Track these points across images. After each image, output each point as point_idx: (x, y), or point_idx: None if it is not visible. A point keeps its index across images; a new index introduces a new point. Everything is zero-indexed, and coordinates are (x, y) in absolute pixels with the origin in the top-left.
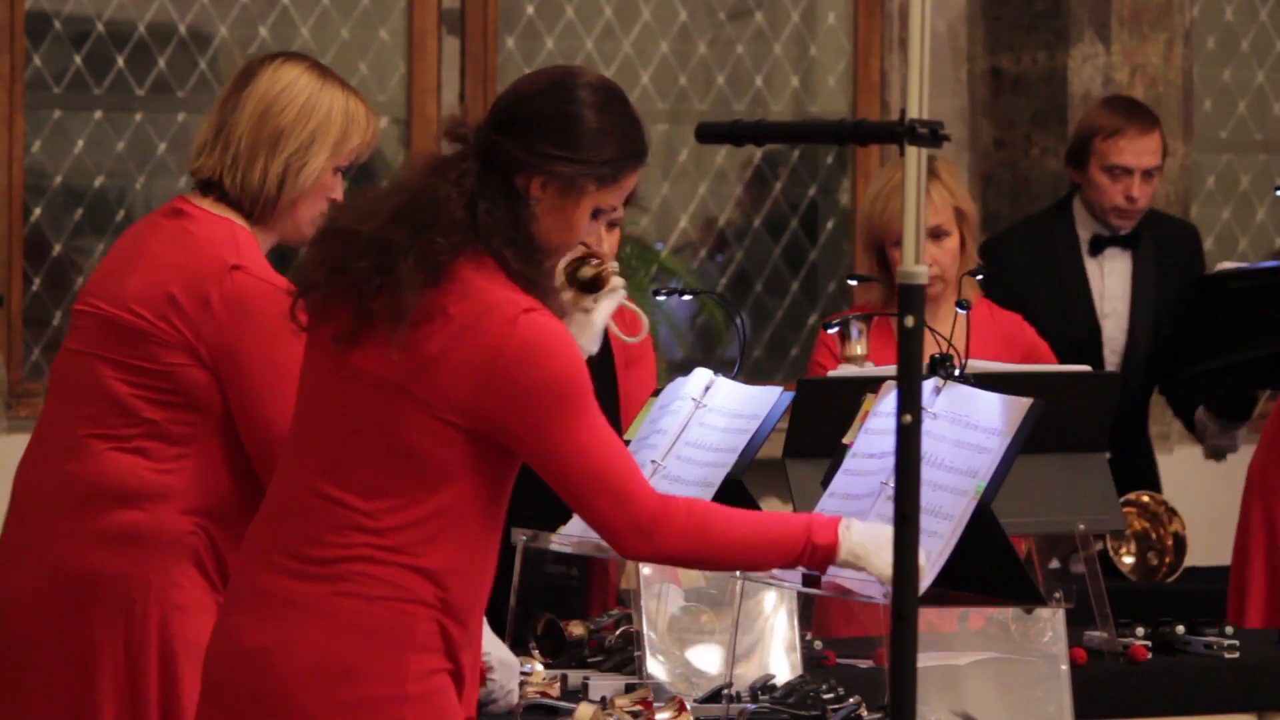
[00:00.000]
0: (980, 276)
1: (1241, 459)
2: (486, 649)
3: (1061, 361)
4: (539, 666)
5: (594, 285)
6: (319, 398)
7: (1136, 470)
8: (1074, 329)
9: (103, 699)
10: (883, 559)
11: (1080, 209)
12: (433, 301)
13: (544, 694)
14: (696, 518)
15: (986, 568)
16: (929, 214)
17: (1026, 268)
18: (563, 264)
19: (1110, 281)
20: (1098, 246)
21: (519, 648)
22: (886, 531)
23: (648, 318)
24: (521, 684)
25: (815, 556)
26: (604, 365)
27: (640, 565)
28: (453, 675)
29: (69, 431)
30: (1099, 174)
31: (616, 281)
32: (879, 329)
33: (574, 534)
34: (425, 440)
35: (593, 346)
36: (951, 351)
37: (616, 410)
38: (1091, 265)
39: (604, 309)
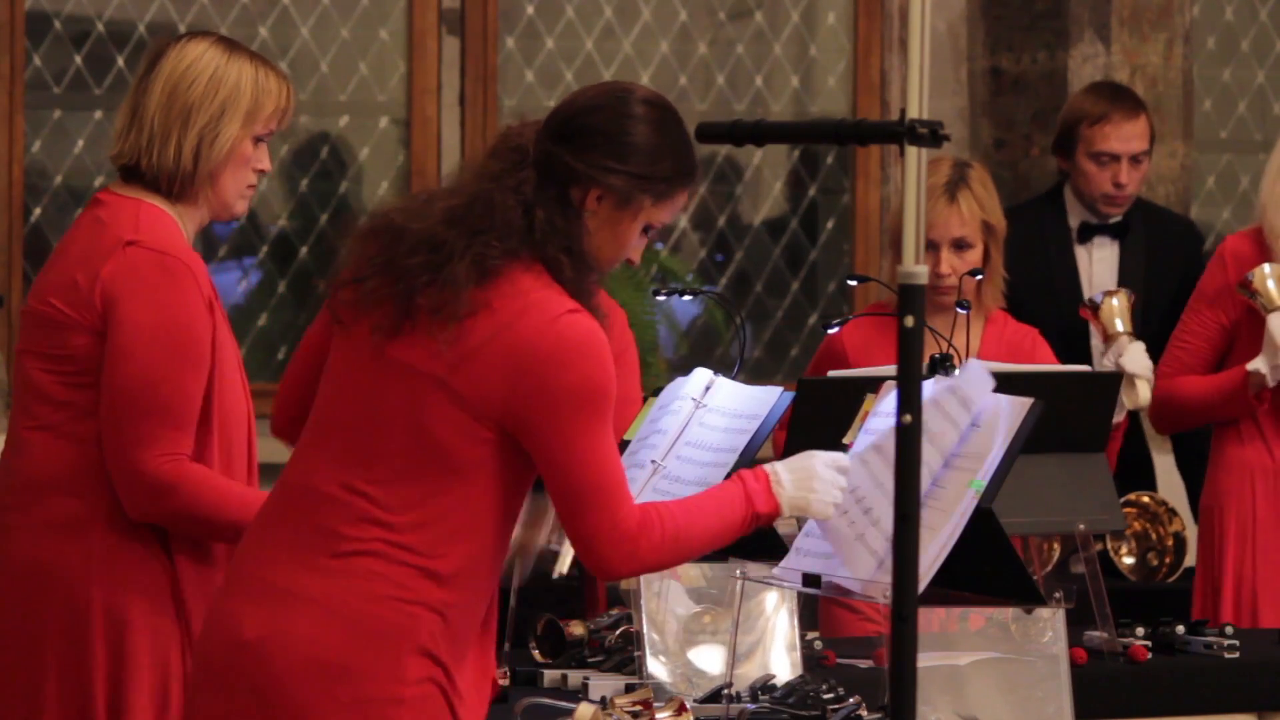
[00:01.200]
0: (980, 277)
1: None
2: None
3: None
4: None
5: None
6: (346, 389)
7: (1126, 466)
8: (1060, 317)
9: (49, 687)
10: (820, 501)
11: (1070, 197)
12: (478, 297)
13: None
14: (669, 528)
15: (986, 568)
16: (954, 225)
17: (1015, 254)
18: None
19: (1098, 270)
20: (1086, 234)
21: (519, 648)
22: (809, 465)
23: (646, 316)
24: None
25: (762, 523)
26: None
27: None
28: (443, 689)
29: (13, 428)
30: (1086, 161)
31: None
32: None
33: None
34: (453, 435)
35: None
36: (951, 351)
37: None
38: (1080, 253)
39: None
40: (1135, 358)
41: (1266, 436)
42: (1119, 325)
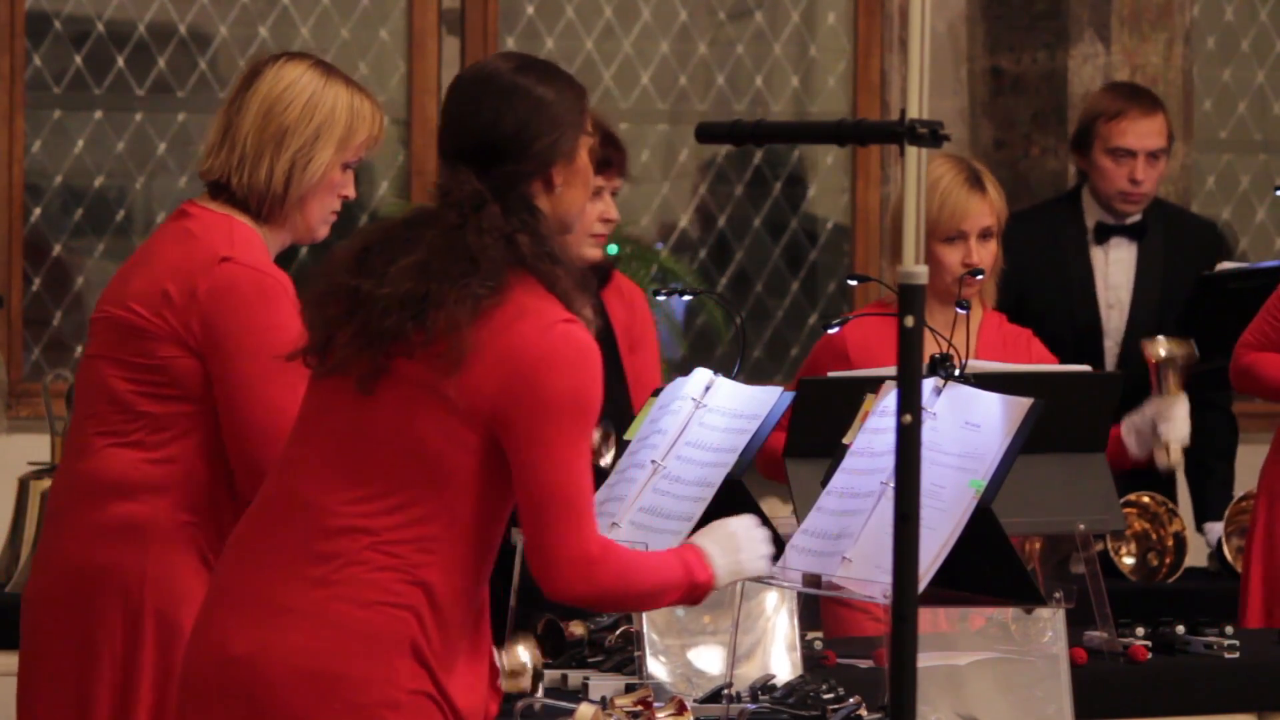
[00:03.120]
0: (980, 275)
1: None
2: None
3: (1063, 350)
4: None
5: None
6: (331, 399)
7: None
8: (1075, 317)
9: (100, 690)
10: (752, 561)
11: (1088, 197)
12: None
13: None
14: (625, 563)
15: (986, 568)
16: (985, 214)
17: (1031, 253)
18: None
19: (1114, 270)
20: (1103, 235)
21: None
22: (728, 531)
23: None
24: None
25: (699, 591)
26: (608, 351)
27: None
28: (436, 693)
29: (79, 433)
30: (1103, 157)
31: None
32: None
33: None
34: (443, 441)
35: None
36: (951, 351)
37: (625, 394)
38: (1097, 254)
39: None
40: (1178, 425)
41: None
42: (1173, 383)
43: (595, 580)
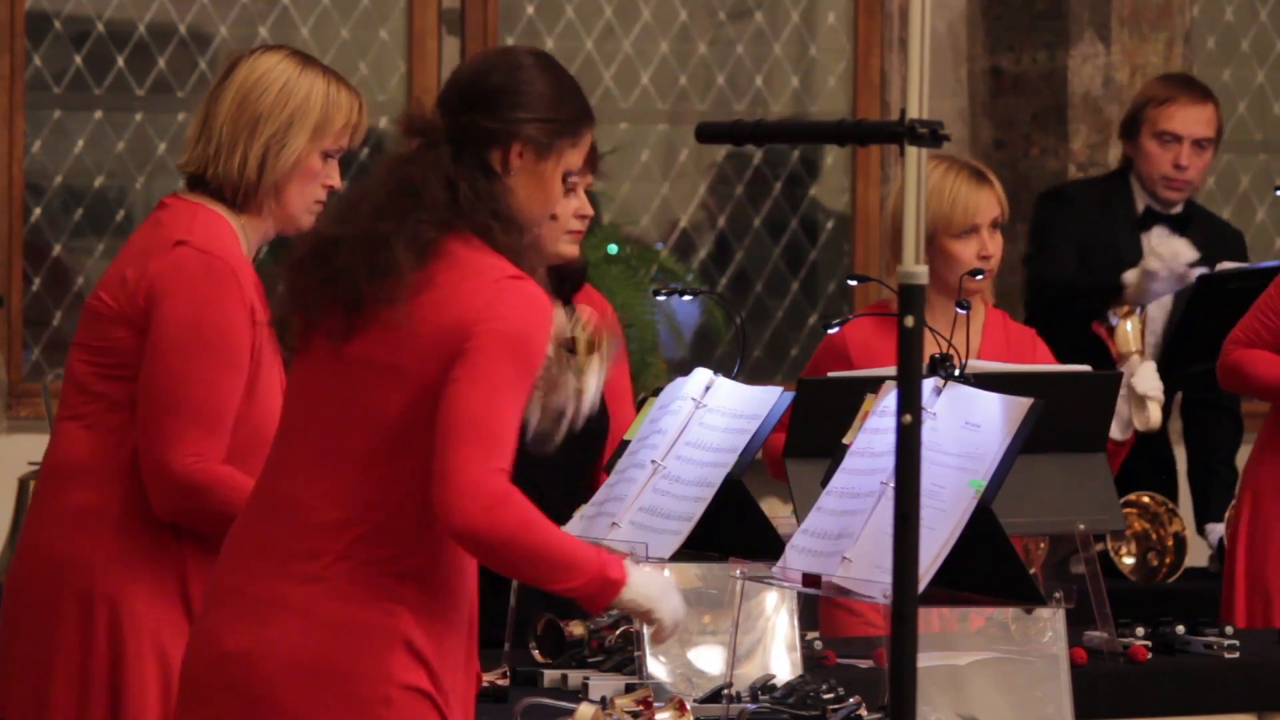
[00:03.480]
0: (981, 276)
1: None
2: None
3: (1076, 311)
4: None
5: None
6: (308, 397)
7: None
8: (1098, 285)
9: (56, 680)
10: (669, 604)
11: (1134, 183)
12: (421, 277)
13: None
14: (530, 515)
15: (986, 568)
16: (995, 205)
17: (1085, 226)
18: (554, 338)
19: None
20: (1148, 220)
21: (519, 648)
22: (662, 578)
23: (647, 316)
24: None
25: (605, 589)
26: None
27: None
28: (430, 686)
29: (56, 421)
30: (1149, 141)
31: (606, 348)
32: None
33: (573, 534)
34: (409, 421)
35: (586, 408)
36: (951, 351)
37: (601, 400)
38: (1142, 239)
39: (594, 376)
40: (1146, 378)
41: None
42: (1131, 345)
43: (494, 518)
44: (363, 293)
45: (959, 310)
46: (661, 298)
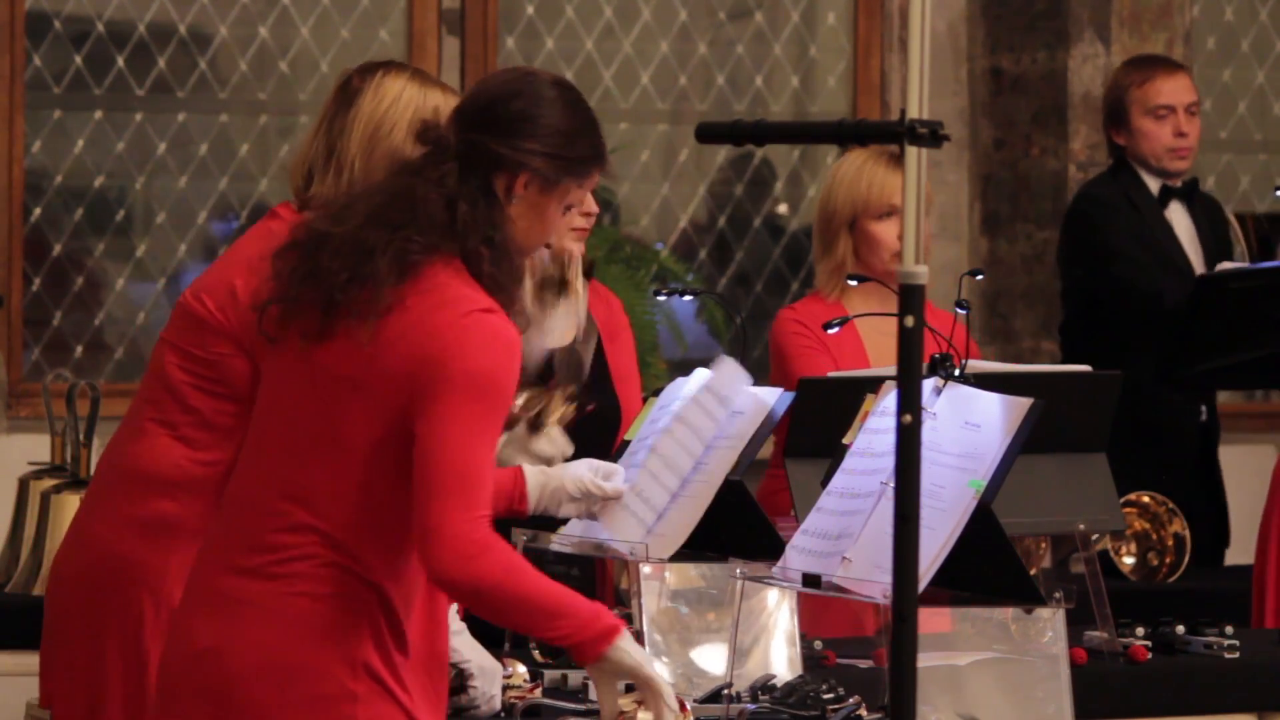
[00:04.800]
0: (981, 277)
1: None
2: (466, 656)
3: (1164, 309)
4: (520, 669)
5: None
6: (276, 399)
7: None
8: (1169, 274)
9: (112, 680)
10: (646, 672)
11: (1138, 167)
12: (395, 294)
13: (522, 698)
14: (513, 563)
15: (986, 567)
16: (893, 193)
17: (1109, 214)
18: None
19: (1180, 232)
20: (1165, 198)
21: (519, 649)
22: (644, 654)
23: (647, 316)
24: (504, 689)
25: (599, 638)
26: (596, 347)
27: (640, 565)
28: (393, 683)
29: (137, 414)
30: (1144, 120)
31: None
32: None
33: (574, 534)
34: (366, 435)
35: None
36: (951, 351)
37: (610, 384)
38: (1167, 217)
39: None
40: None
41: None
42: None
43: (476, 568)
44: (337, 297)
45: (959, 310)
46: (662, 298)
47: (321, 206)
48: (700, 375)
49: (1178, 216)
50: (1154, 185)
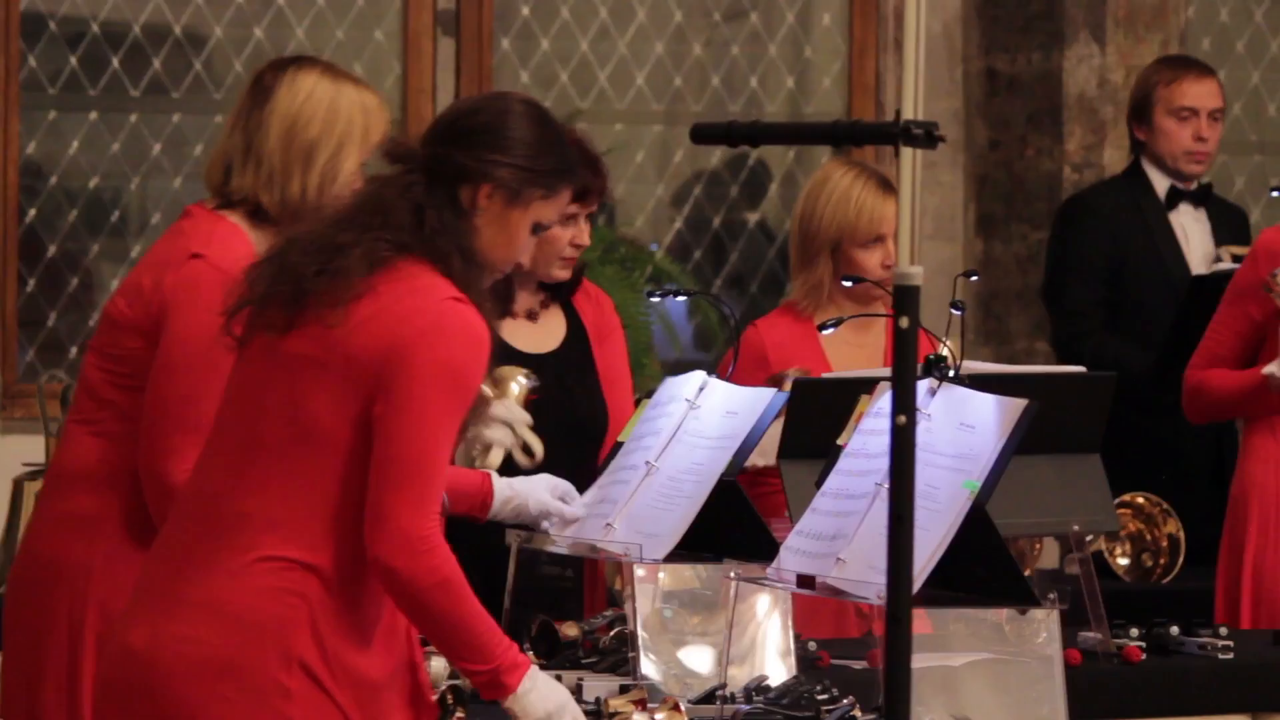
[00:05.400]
0: (975, 278)
1: None
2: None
3: (1162, 314)
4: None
5: None
6: (237, 393)
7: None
8: (1169, 282)
9: (47, 685)
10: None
11: (1150, 167)
12: (365, 283)
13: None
14: (457, 575)
15: (981, 569)
16: (882, 222)
17: (1112, 223)
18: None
19: (1193, 234)
20: (1174, 200)
21: None
22: (561, 696)
23: (641, 318)
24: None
25: (500, 680)
26: (581, 349)
27: (635, 566)
28: (327, 679)
29: (67, 424)
30: (1166, 119)
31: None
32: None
33: (569, 535)
34: (329, 416)
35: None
36: (947, 352)
37: (598, 386)
38: (1172, 219)
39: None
40: None
41: None
42: None
43: (422, 564)
44: (306, 290)
45: (955, 311)
46: (656, 299)
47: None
48: (695, 377)
49: (1187, 220)
50: (1163, 186)
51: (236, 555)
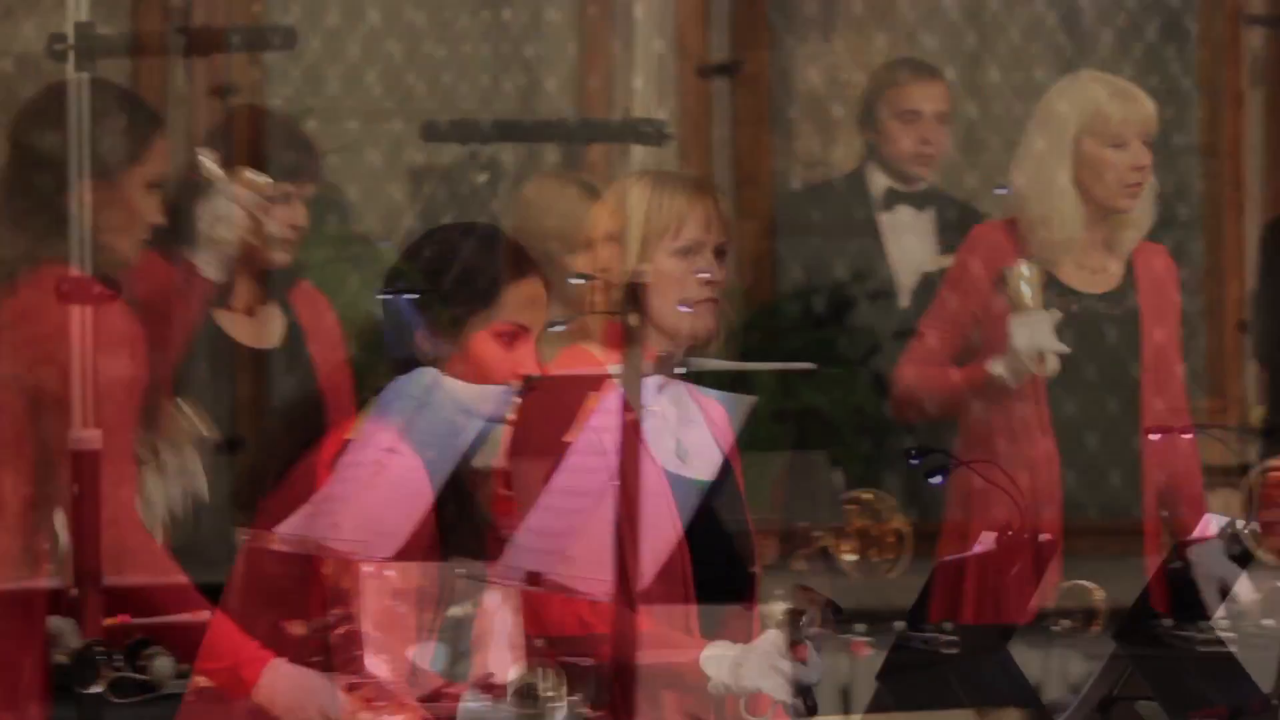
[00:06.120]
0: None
1: None
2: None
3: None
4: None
5: None
6: None
7: None
8: (866, 280)
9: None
10: (315, 707)
11: (873, 169)
12: None
13: None
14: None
15: (707, 566)
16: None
17: (822, 225)
18: None
19: (906, 236)
20: (891, 200)
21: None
22: (319, 685)
23: (366, 313)
24: None
25: (236, 687)
26: (298, 349)
27: (363, 564)
28: None
29: None
30: (891, 122)
31: None
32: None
33: (294, 532)
34: None
35: None
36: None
37: (314, 383)
38: (884, 220)
39: None
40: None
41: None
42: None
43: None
44: None
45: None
46: (386, 297)
47: None
48: (423, 374)
49: (905, 220)
50: (879, 189)
51: None
